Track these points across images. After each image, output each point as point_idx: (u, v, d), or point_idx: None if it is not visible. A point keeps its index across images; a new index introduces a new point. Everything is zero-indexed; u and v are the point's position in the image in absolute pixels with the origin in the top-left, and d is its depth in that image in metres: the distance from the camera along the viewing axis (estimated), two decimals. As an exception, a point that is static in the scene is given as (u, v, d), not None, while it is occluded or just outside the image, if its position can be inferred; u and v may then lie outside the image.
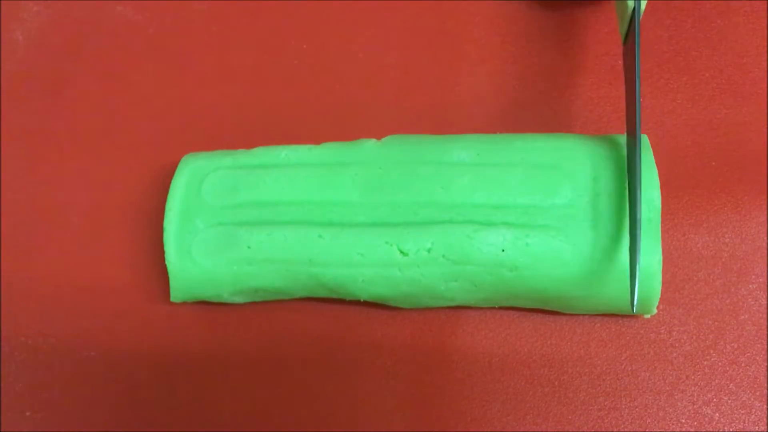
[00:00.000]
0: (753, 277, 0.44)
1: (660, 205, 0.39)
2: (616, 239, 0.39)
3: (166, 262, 0.42)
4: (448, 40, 0.50)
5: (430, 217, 0.40)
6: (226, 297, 0.43)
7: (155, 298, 0.46)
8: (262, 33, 0.51)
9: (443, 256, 0.39)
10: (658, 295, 0.39)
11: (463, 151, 0.41)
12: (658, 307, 0.44)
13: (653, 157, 0.40)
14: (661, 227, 0.44)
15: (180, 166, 0.44)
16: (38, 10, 0.53)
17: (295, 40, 0.51)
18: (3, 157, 0.50)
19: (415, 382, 0.44)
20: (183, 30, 0.52)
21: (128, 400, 0.45)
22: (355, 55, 0.50)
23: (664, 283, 0.43)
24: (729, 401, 0.42)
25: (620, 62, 0.48)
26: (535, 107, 0.48)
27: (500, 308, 0.44)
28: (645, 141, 0.41)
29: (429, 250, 0.40)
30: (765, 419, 0.42)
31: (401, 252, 0.40)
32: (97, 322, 0.46)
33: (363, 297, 0.42)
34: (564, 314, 0.44)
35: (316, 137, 0.45)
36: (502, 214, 0.40)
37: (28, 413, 0.45)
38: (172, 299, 0.43)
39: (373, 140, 0.43)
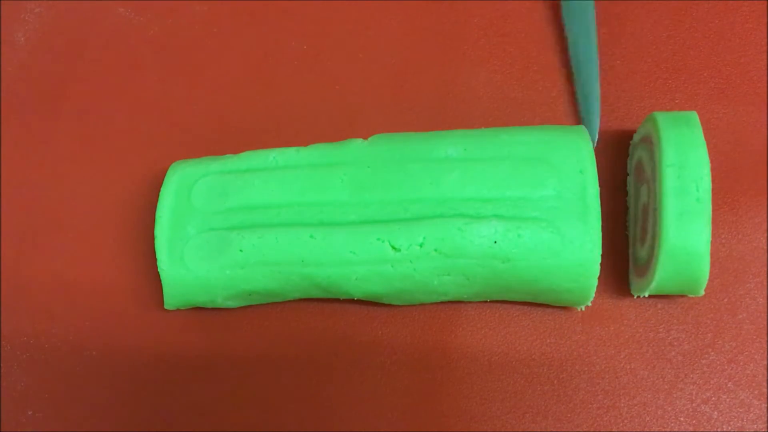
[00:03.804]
0: (751, 276, 0.44)
1: (710, 185, 0.39)
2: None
3: (159, 270, 0.42)
4: (448, 41, 0.50)
5: (420, 213, 0.40)
6: (220, 302, 0.43)
7: (155, 300, 0.46)
8: (264, 34, 0.51)
9: (435, 250, 0.40)
10: (707, 276, 0.39)
11: (451, 146, 0.42)
12: (657, 306, 0.44)
13: (702, 135, 0.40)
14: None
15: (168, 173, 0.44)
16: (39, 11, 0.53)
17: (296, 41, 0.51)
18: (3, 159, 0.50)
19: (415, 381, 0.44)
20: (184, 31, 0.52)
21: (129, 400, 0.45)
22: (355, 56, 0.50)
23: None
24: (727, 400, 0.42)
25: (618, 62, 0.48)
26: (533, 107, 0.48)
27: (499, 306, 0.44)
28: (694, 118, 0.41)
29: (421, 245, 0.40)
30: (764, 417, 0.42)
31: (393, 248, 0.40)
32: (98, 322, 0.46)
33: (357, 295, 0.42)
34: (563, 313, 0.44)
35: (317, 139, 0.46)
36: (493, 206, 0.40)
37: (30, 412, 0.45)
38: (166, 306, 0.44)
39: (360, 140, 0.43)
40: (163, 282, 0.43)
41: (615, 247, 0.45)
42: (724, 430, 0.42)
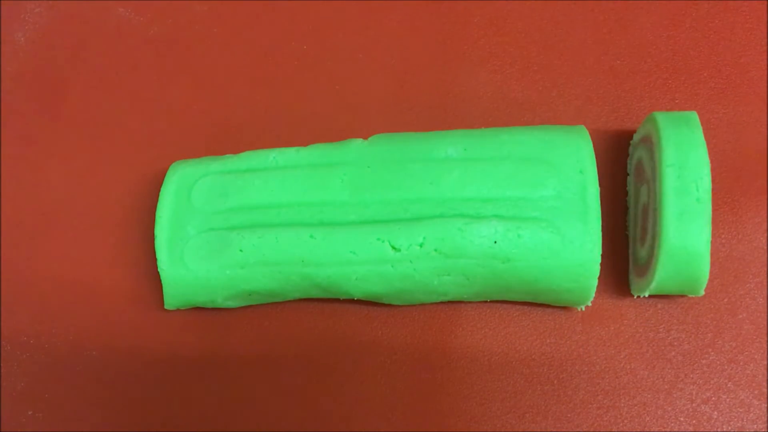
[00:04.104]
0: (751, 276, 0.44)
1: (710, 185, 0.39)
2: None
3: (159, 270, 0.42)
4: (448, 41, 0.50)
5: (420, 213, 0.41)
6: (220, 302, 0.43)
7: (155, 300, 0.46)
8: (264, 34, 0.51)
9: (435, 250, 0.40)
10: (707, 276, 0.39)
11: (450, 146, 0.42)
12: (657, 306, 0.44)
13: (702, 135, 0.40)
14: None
15: (168, 173, 0.44)
16: (39, 11, 0.53)
17: (296, 41, 0.51)
18: (3, 159, 0.50)
19: (415, 381, 0.44)
20: (184, 31, 0.52)
21: (129, 400, 0.45)
22: (355, 56, 0.50)
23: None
24: (727, 399, 0.42)
25: (618, 62, 0.48)
26: (533, 107, 0.48)
27: (499, 306, 0.44)
28: (694, 118, 0.41)
29: (421, 245, 0.40)
30: (764, 417, 0.42)
31: (393, 248, 0.40)
32: (98, 322, 0.46)
33: (357, 295, 0.42)
34: (563, 313, 0.44)
35: (317, 139, 0.46)
36: (493, 207, 0.40)
37: (30, 412, 0.45)
38: (166, 306, 0.44)
39: (360, 140, 0.44)
40: (163, 282, 0.43)
41: (615, 247, 0.45)
42: (724, 430, 0.42)
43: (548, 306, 0.44)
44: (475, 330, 0.44)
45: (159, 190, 0.44)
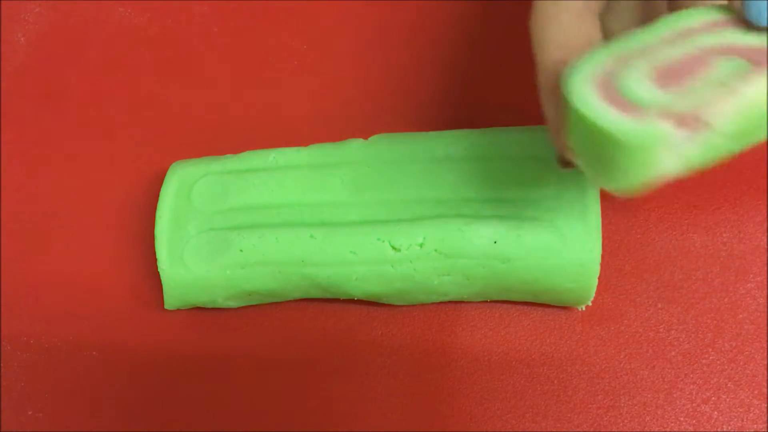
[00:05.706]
0: (751, 276, 0.44)
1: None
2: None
3: (159, 270, 0.42)
4: (448, 40, 0.50)
5: (420, 213, 0.41)
6: (221, 302, 0.43)
7: (155, 300, 0.46)
8: (264, 34, 0.51)
9: (435, 250, 0.40)
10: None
11: (450, 146, 0.42)
12: (657, 306, 0.44)
13: None
14: (660, 226, 0.44)
15: (168, 173, 0.44)
16: (40, 12, 0.53)
17: (296, 41, 0.51)
18: (3, 159, 0.50)
19: (415, 381, 0.44)
20: (184, 31, 0.52)
21: (129, 400, 0.45)
22: (355, 56, 0.50)
23: (662, 281, 0.43)
24: (728, 399, 0.42)
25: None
26: (533, 107, 0.48)
27: (500, 306, 0.44)
28: None
29: (421, 245, 0.40)
30: (764, 417, 0.42)
31: (393, 248, 0.40)
32: (98, 322, 0.46)
33: (357, 295, 0.42)
34: (563, 313, 0.44)
35: (317, 139, 0.46)
36: (492, 207, 0.40)
37: (30, 412, 0.45)
38: (166, 306, 0.44)
39: (360, 140, 0.44)
40: (163, 282, 0.43)
41: (615, 247, 0.45)
42: (724, 430, 0.42)
43: (548, 306, 0.44)
44: (475, 330, 0.44)
45: (159, 190, 0.44)
